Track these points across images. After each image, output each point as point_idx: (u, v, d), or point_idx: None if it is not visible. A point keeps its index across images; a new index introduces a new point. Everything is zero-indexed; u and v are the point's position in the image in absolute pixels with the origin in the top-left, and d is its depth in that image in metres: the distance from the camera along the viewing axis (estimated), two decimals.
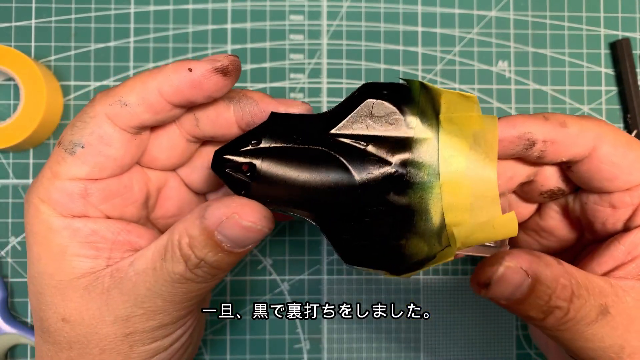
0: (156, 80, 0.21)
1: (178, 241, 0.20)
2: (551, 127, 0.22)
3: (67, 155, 0.21)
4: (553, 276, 0.21)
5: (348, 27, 0.35)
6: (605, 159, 0.22)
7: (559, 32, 0.36)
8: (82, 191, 0.21)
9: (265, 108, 0.22)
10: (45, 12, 0.34)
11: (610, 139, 0.22)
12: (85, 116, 0.21)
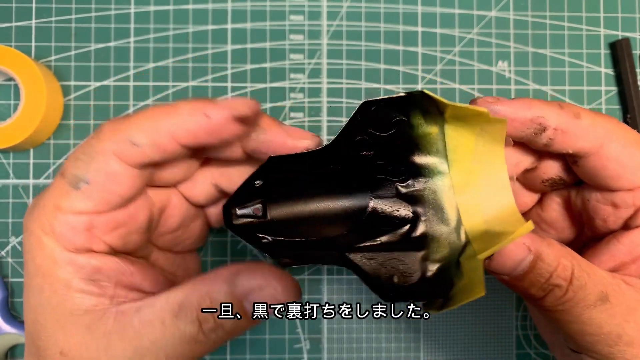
0: (169, 122, 0.20)
1: (197, 304, 0.20)
2: (565, 116, 0.22)
3: (71, 189, 0.20)
4: (555, 255, 0.21)
5: (348, 27, 0.35)
6: (611, 157, 0.22)
7: (559, 32, 0.36)
8: (87, 225, 0.20)
9: (273, 138, 0.21)
10: (46, 12, 0.34)
11: (619, 137, 0.22)
12: (91, 150, 0.20)
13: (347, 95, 0.35)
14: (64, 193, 0.20)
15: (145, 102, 0.34)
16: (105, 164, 0.20)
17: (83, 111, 0.34)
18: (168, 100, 0.34)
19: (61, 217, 0.20)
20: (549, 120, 0.22)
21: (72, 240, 0.20)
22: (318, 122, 0.35)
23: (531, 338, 0.35)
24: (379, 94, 0.35)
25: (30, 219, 0.21)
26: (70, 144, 0.34)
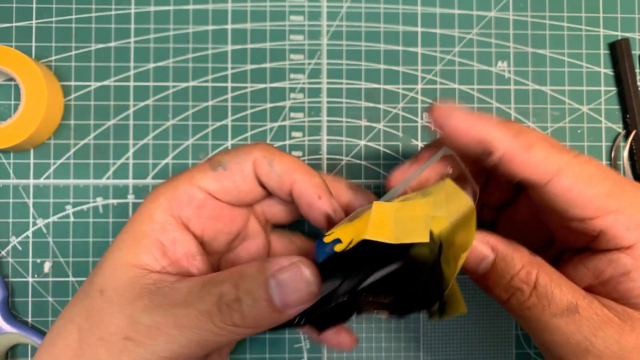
0: (301, 176, 0.25)
1: (225, 277, 0.21)
2: (516, 145, 0.22)
3: (210, 170, 0.24)
4: (519, 259, 0.22)
5: (348, 27, 0.35)
6: (559, 192, 0.22)
7: (559, 33, 0.36)
8: (200, 202, 0.24)
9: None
10: (46, 13, 0.34)
11: (573, 173, 0.22)
12: (241, 151, 0.25)
13: (347, 96, 0.35)
14: (202, 171, 0.24)
15: (145, 102, 0.34)
16: (244, 163, 0.24)
17: (83, 111, 0.34)
18: (168, 101, 0.34)
19: (188, 187, 0.24)
20: (498, 144, 0.22)
21: (182, 208, 0.24)
22: (318, 122, 0.35)
23: (531, 338, 0.35)
24: (378, 94, 0.35)
25: (161, 185, 0.24)
26: (71, 144, 0.34)
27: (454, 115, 0.22)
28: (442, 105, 0.23)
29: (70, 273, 0.34)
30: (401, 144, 0.35)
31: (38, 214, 0.34)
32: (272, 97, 0.35)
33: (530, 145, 0.22)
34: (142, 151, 0.34)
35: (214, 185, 0.24)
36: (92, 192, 0.34)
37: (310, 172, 0.25)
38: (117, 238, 0.24)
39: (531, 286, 0.22)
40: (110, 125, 0.34)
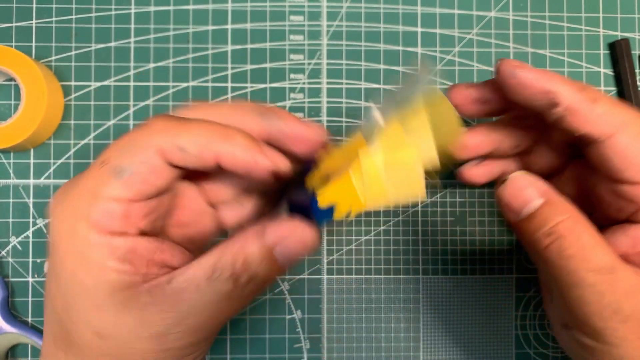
0: (221, 146, 0.21)
1: (231, 261, 0.21)
2: (580, 98, 0.22)
3: (113, 178, 0.20)
4: (566, 208, 0.22)
5: (348, 27, 0.35)
6: (619, 148, 0.22)
7: (558, 33, 0.36)
8: (124, 212, 0.21)
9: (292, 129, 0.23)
10: (46, 13, 0.34)
11: (632, 131, 0.22)
12: (137, 143, 0.21)
13: (347, 96, 0.35)
14: (105, 181, 0.21)
15: (146, 102, 0.34)
16: (150, 159, 0.21)
17: (83, 111, 0.34)
18: (168, 101, 0.34)
19: (99, 204, 0.20)
20: (562, 97, 0.22)
21: (108, 225, 0.21)
22: (318, 122, 0.35)
23: (530, 338, 0.35)
24: (378, 94, 0.35)
25: (62, 206, 0.21)
26: (71, 144, 0.34)
27: (522, 67, 0.23)
28: (510, 60, 0.24)
29: None
30: None
31: (38, 214, 0.34)
32: (272, 97, 0.35)
33: (595, 99, 0.22)
34: None
35: (127, 193, 0.21)
36: None
37: (229, 135, 0.22)
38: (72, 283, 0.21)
39: (575, 236, 0.21)
40: (110, 125, 0.34)
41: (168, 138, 0.21)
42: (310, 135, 0.23)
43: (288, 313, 0.35)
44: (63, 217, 0.21)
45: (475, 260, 0.35)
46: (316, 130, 0.23)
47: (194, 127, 0.21)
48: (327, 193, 0.23)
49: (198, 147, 0.21)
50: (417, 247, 0.35)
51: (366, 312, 0.35)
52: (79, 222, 0.20)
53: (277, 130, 0.23)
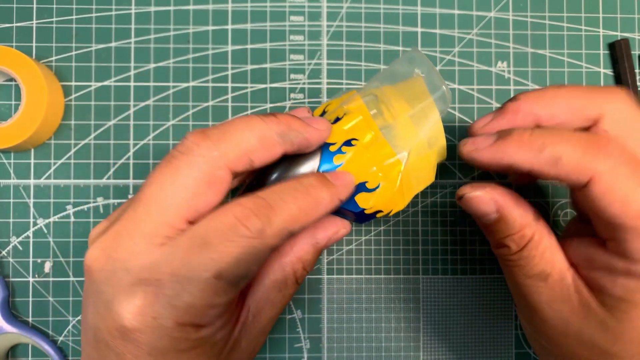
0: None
1: (293, 271, 0.25)
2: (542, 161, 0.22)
3: (231, 287, 0.21)
4: (519, 221, 0.24)
5: (348, 27, 0.35)
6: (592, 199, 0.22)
7: (558, 33, 0.36)
8: (227, 306, 0.22)
9: (309, 137, 0.24)
10: (47, 13, 0.34)
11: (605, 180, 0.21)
12: (261, 247, 0.21)
13: None
14: (222, 292, 0.21)
15: (146, 103, 0.34)
16: (265, 257, 0.22)
17: (84, 111, 0.34)
18: (168, 101, 0.34)
19: (210, 311, 0.21)
20: (524, 166, 0.22)
21: (209, 321, 0.21)
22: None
23: None
24: None
25: (164, 314, 0.20)
26: (71, 144, 0.34)
27: (477, 151, 0.24)
28: (465, 144, 0.25)
29: (70, 273, 0.34)
30: None
31: (38, 214, 0.34)
32: (272, 98, 0.35)
33: (556, 159, 0.22)
34: (143, 151, 0.34)
35: (232, 296, 0.22)
36: (93, 192, 0.34)
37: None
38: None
39: (520, 247, 0.24)
40: (110, 125, 0.34)
41: (279, 234, 0.22)
42: (323, 134, 0.25)
43: (288, 313, 0.35)
44: (158, 312, 0.20)
45: (475, 260, 0.35)
46: (325, 127, 0.25)
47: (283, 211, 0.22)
48: (371, 199, 0.26)
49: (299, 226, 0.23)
50: (417, 247, 0.35)
51: (366, 312, 0.35)
52: (180, 323, 0.20)
53: (299, 143, 0.24)
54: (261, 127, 0.22)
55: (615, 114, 0.23)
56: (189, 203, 0.21)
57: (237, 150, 0.22)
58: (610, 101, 0.23)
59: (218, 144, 0.21)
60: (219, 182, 0.21)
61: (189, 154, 0.21)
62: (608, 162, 0.21)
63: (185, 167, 0.21)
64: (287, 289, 0.24)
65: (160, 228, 0.21)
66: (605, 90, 0.23)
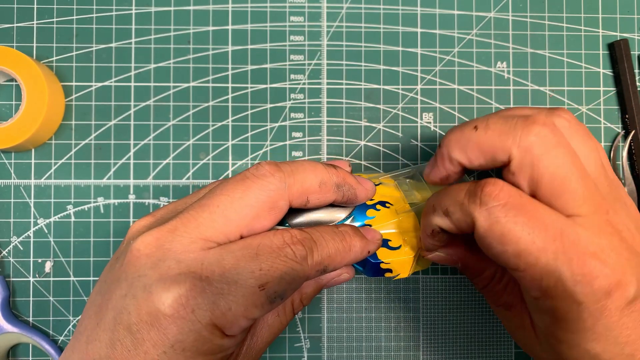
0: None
1: (291, 301, 0.27)
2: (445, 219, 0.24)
3: (267, 303, 0.22)
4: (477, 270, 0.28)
5: (348, 28, 0.35)
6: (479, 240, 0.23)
7: (558, 33, 0.36)
8: (249, 325, 0.23)
9: (358, 193, 0.27)
10: (47, 13, 0.34)
11: (480, 226, 0.22)
12: (301, 273, 0.23)
13: (347, 96, 0.35)
14: (260, 305, 0.22)
15: (147, 103, 0.34)
16: (299, 285, 0.23)
17: (84, 111, 0.34)
18: (168, 101, 0.34)
19: (243, 321, 0.22)
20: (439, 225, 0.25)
21: (232, 332, 0.22)
22: (318, 123, 0.35)
23: None
24: (378, 94, 0.35)
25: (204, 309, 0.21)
26: (72, 144, 0.34)
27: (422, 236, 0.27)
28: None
29: (71, 273, 0.34)
30: (401, 144, 0.35)
31: (39, 214, 0.34)
32: (272, 98, 0.35)
33: (446, 212, 0.24)
34: (143, 151, 0.34)
35: (263, 314, 0.23)
36: (93, 192, 0.34)
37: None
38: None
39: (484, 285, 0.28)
40: (111, 126, 0.34)
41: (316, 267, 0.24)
42: (369, 194, 0.27)
43: None
44: (201, 320, 0.21)
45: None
46: (371, 189, 0.27)
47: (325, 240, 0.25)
48: (392, 262, 0.28)
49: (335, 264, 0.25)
50: None
51: (366, 312, 0.35)
52: (215, 330, 0.22)
53: (349, 197, 0.26)
54: (324, 174, 0.25)
55: (525, 156, 0.22)
56: (249, 221, 0.23)
57: (300, 187, 0.24)
58: (520, 142, 0.22)
59: (287, 178, 0.24)
60: (278, 210, 0.24)
61: (262, 179, 0.23)
62: (483, 207, 0.22)
63: (257, 189, 0.23)
64: (284, 315, 0.27)
65: (218, 235, 0.22)
66: (519, 129, 0.23)
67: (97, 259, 0.34)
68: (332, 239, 0.25)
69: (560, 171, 0.22)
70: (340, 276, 0.28)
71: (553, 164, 0.22)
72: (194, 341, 0.21)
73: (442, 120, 0.35)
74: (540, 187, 0.22)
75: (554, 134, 0.22)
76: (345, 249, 0.25)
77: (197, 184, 0.35)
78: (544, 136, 0.22)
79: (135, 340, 0.21)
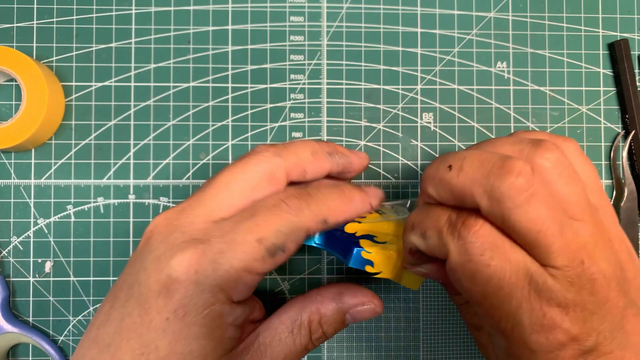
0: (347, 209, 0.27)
1: (308, 319, 0.25)
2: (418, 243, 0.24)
3: (268, 257, 0.23)
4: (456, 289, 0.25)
5: (348, 28, 0.35)
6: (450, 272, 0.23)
7: (558, 33, 0.36)
8: (256, 284, 0.24)
9: (352, 160, 0.28)
10: (47, 13, 0.34)
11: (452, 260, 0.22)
12: (292, 225, 0.24)
13: (347, 96, 0.35)
14: (260, 259, 0.23)
15: (147, 103, 0.34)
16: (300, 237, 0.24)
17: (84, 111, 0.34)
18: (168, 101, 0.35)
19: (249, 278, 0.23)
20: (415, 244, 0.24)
21: (239, 296, 0.23)
22: (318, 123, 0.35)
23: None
24: (378, 94, 0.35)
25: (206, 269, 0.22)
26: (72, 144, 0.34)
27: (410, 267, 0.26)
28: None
29: (71, 273, 0.34)
30: (401, 144, 0.35)
31: (39, 214, 0.34)
32: (272, 98, 0.35)
33: (424, 236, 0.23)
34: (143, 151, 0.34)
35: (269, 268, 0.24)
36: (93, 192, 0.34)
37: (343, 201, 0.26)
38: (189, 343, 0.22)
39: (460, 303, 0.27)
40: (111, 126, 0.34)
41: (317, 218, 0.25)
42: (363, 161, 0.29)
43: None
44: (206, 283, 0.22)
45: None
46: (364, 157, 0.29)
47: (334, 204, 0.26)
48: (374, 253, 0.26)
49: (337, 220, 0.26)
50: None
51: None
52: (221, 292, 0.23)
53: (343, 164, 0.28)
54: (314, 145, 0.27)
55: (495, 207, 0.21)
56: (250, 191, 0.24)
57: (294, 158, 0.26)
58: (490, 193, 0.21)
59: (281, 153, 0.25)
60: (277, 181, 0.25)
61: (258, 154, 0.25)
62: (460, 241, 0.21)
63: (254, 164, 0.25)
64: (298, 335, 0.25)
65: (222, 207, 0.24)
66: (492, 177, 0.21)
67: (97, 259, 0.34)
68: (330, 191, 0.26)
69: (533, 226, 0.20)
70: (365, 306, 0.27)
71: (525, 218, 0.20)
72: (195, 305, 0.22)
73: (442, 120, 0.35)
74: (512, 235, 0.21)
75: (529, 184, 0.20)
76: (344, 201, 0.26)
77: (197, 184, 0.35)
78: (517, 187, 0.20)
79: (142, 310, 0.22)
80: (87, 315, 0.34)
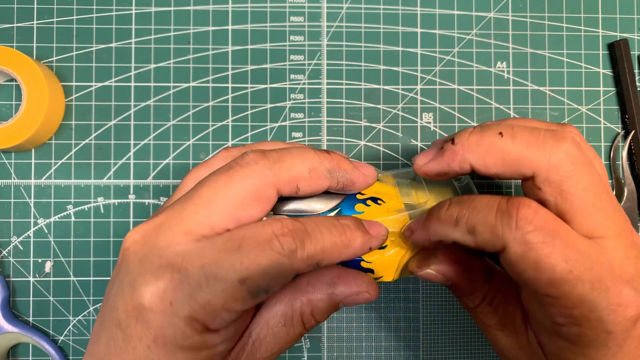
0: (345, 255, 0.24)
1: (300, 311, 0.24)
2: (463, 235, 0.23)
3: (249, 297, 0.21)
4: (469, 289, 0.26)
5: (348, 28, 0.36)
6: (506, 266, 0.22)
7: (558, 33, 0.36)
8: (235, 318, 0.22)
9: (354, 179, 0.25)
10: (47, 13, 0.34)
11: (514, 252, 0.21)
12: (282, 268, 0.21)
13: (347, 96, 0.35)
14: (240, 299, 0.21)
15: (147, 103, 0.34)
16: (288, 279, 0.22)
17: (84, 111, 0.34)
18: (168, 101, 0.35)
19: (226, 315, 0.21)
20: (451, 239, 0.23)
21: (217, 326, 0.21)
22: (318, 123, 0.35)
23: None
24: (378, 94, 0.35)
25: (182, 302, 0.21)
26: (72, 144, 0.34)
27: (414, 236, 0.25)
28: (406, 229, 0.25)
29: (71, 273, 0.34)
30: (401, 144, 0.35)
31: (39, 214, 0.34)
32: (272, 98, 0.35)
33: (471, 230, 0.22)
34: (143, 151, 0.34)
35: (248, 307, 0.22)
36: (93, 192, 0.34)
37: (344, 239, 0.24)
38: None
39: (475, 305, 0.26)
40: (111, 126, 0.34)
41: (309, 262, 0.22)
42: (368, 180, 0.25)
43: None
44: (177, 310, 0.21)
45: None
46: (371, 174, 0.25)
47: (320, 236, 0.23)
48: (374, 263, 0.25)
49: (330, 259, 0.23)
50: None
51: (366, 312, 0.35)
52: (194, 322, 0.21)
53: (344, 182, 0.25)
54: (313, 159, 0.23)
55: (554, 173, 0.21)
56: (234, 212, 0.22)
57: (288, 174, 0.23)
58: (547, 159, 0.21)
59: (272, 166, 0.22)
60: (265, 200, 0.22)
61: (246, 167, 0.22)
62: (518, 231, 0.21)
63: (240, 179, 0.22)
64: (291, 327, 0.24)
65: (202, 227, 0.21)
66: (548, 144, 0.22)
67: (97, 259, 0.34)
68: (330, 231, 0.23)
69: (590, 190, 0.21)
70: (359, 295, 0.25)
71: (583, 182, 0.21)
72: (174, 335, 0.21)
73: (442, 120, 0.35)
74: (569, 205, 0.21)
75: (580, 152, 0.21)
76: (343, 244, 0.23)
77: None
78: (572, 153, 0.21)
79: (125, 336, 0.21)
80: (87, 315, 0.34)
